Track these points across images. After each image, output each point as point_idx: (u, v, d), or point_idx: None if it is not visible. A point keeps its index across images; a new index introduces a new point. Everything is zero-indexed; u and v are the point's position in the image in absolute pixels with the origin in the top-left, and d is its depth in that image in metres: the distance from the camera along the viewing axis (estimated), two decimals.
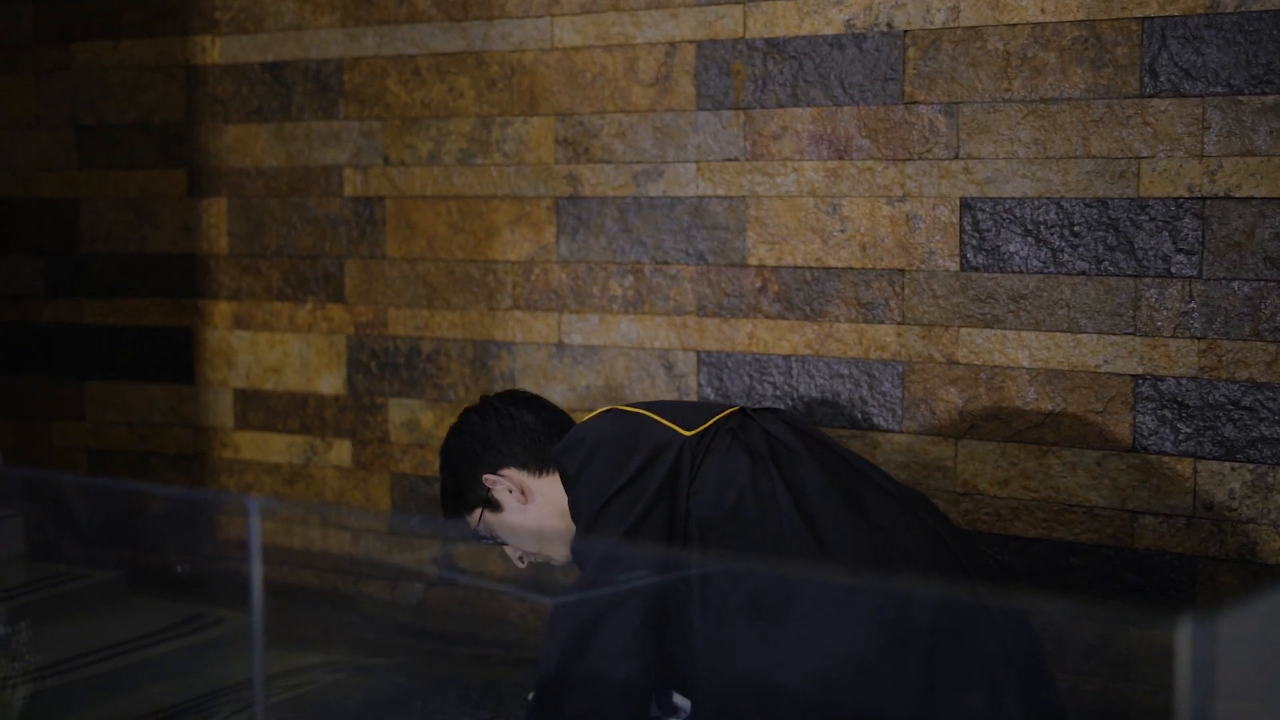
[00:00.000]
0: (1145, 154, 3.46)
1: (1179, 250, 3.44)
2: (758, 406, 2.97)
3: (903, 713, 2.53)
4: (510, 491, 3.10)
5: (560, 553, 3.12)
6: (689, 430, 2.86)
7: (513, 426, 3.13)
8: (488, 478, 3.11)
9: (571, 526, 3.01)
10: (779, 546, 2.69)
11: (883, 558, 2.67)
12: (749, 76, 3.93)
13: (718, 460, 2.79)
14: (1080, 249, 3.54)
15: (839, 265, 3.84)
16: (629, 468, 2.79)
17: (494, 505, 3.13)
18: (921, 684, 2.52)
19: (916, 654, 2.51)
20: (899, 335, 3.77)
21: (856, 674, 2.55)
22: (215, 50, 4.78)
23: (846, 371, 3.85)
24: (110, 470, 5.04)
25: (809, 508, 2.71)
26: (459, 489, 3.16)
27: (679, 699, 2.98)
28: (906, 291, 3.77)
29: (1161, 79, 3.43)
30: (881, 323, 3.80)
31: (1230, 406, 3.41)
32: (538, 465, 3.12)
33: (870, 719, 2.57)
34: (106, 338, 5.04)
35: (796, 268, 3.90)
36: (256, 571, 1.87)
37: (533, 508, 3.10)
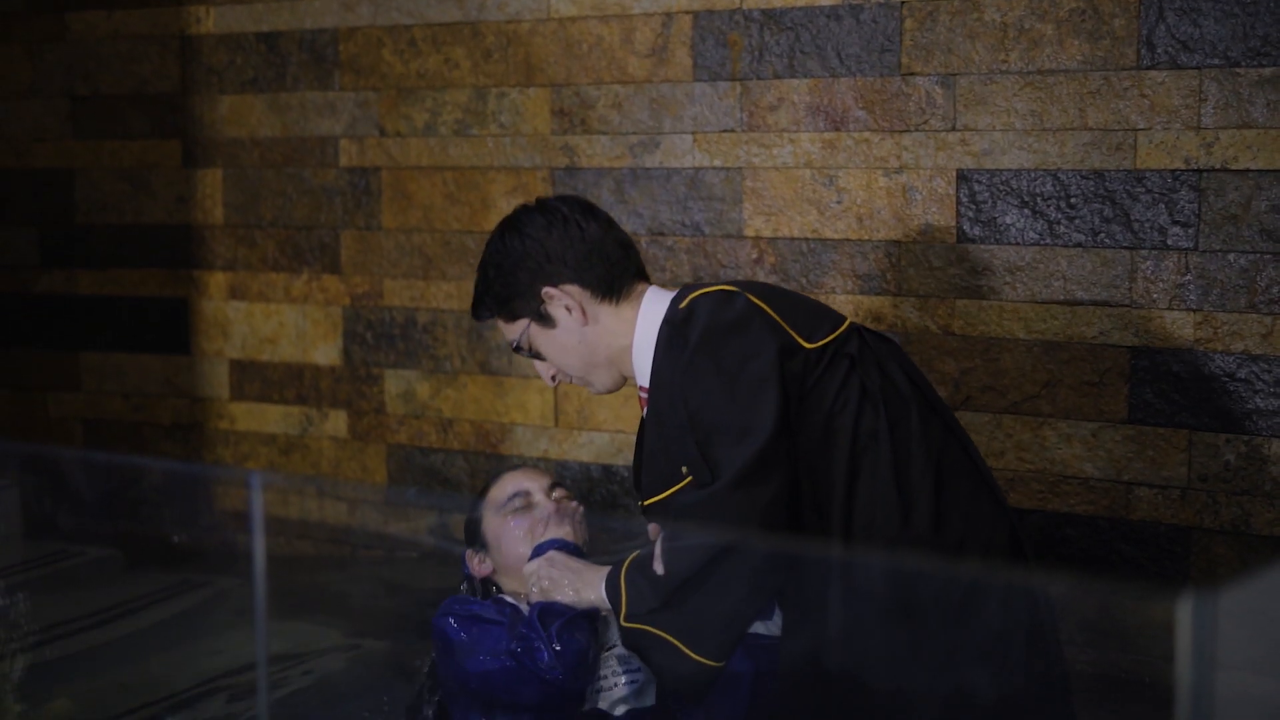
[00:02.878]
0: (1142, 126, 3.46)
1: (1175, 222, 3.44)
2: (872, 329, 2.81)
3: (937, 685, 2.52)
4: (569, 310, 2.81)
5: (602, 382, 2.88)
6: (810, 343, 2.67)
7: (581, 239, 2.81)
8: (548, 290, 2.81)
9: (617, 363, 2.84)
10: (865, 496, 2.61)
11: (958, 542, 2.62)
12: (746, 47, 3.93)
13: (830, 387, 2.64)
14: (1077, 221, 3.55)
15: (835, 237, 3.84)
16: (751, 374, 2.60)
17: (546, 320, 2.83)
18: (965, 660, 2.52)
19: (967, 634, 2.51)
20: (895, 306, 3.78)
21: (909, 648, 2.54)
22: (210, 20, 4.76)
23: None
24: (106, 440, 5.04)
25: (907, 467, 2.62)
26: (508, 296, 2.85)
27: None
28: (903, 263, 3.77)
29: (1159, 51, 3.43)
30: (878, 294, 3.80)
31: (1226, 378, 3.42)
32: (603, 289, 2.81)
33: (911, 693, 2.55)
34: (102, 308, 5.03)
35: (793, 239, 3.90)
36: (259, 545, 1.87)
37: (589, 331, 2.82)
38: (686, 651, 2.61)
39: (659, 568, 2.63)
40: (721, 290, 2.71)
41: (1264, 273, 3.36)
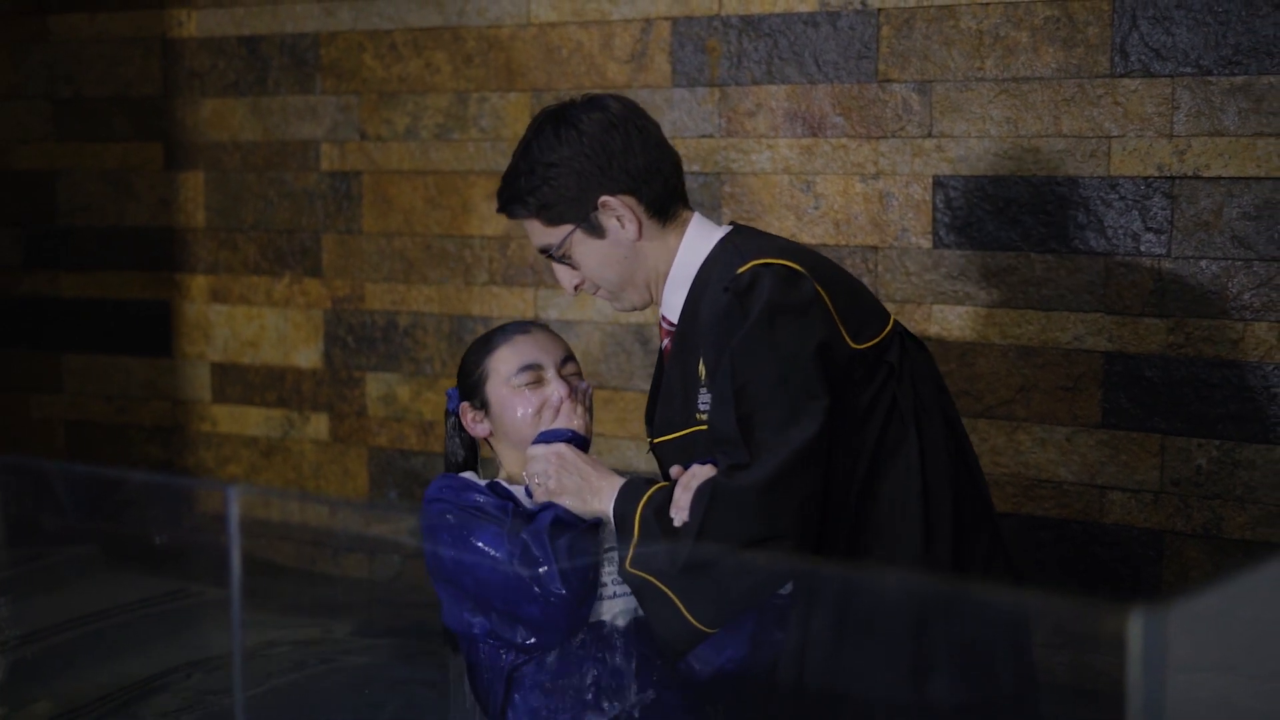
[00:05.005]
0: (1116, 133, 3.49)
1: (1148, 229, 3.47)
2: (911, 334, 2.72)
3: (910, 692, 2.52)
4: (620, 222, 2.60)
5: (631, 301, 2.72)
6: (856, 343, 2.57)
7: (643, 147, 2.59)
8: (606, 199, 2.58)
9: (651, 286, 2.70)
10: (884, 511, 2.58)
11: (962, 570, 2.62)
12: (724, 53, 3.95)
13: (865, 393, 2.57)
14: (1051, 227, 3.57)
15: (813, 242, 3.87)
16: (804, 364, 2.49)
17: (595, 229, 2.61)
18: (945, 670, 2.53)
19: (942, 645, 2.52)
20: None
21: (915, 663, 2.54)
22: (192, 24, 4.78)
23: None
24: (88, 443, 5.06)
25: (936, 491, 2.59)
26: (555, 199, 2.61)
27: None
28: (880, 268, 3.80)
29: (1132, 59, 3.46)
30: None
31: (1198, 383, 3.44)
32: (655, 207, 2.61)
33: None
34: (84, 310, 5.04)
35: None
36: (235, 558, 1.89)
37: (639, 247, 2.63)
38: (684, 613, 2.53)
39: (677, 518, 2.52)
40: (788, 268, 2.55)
41: (1235, 279, 3.39)
